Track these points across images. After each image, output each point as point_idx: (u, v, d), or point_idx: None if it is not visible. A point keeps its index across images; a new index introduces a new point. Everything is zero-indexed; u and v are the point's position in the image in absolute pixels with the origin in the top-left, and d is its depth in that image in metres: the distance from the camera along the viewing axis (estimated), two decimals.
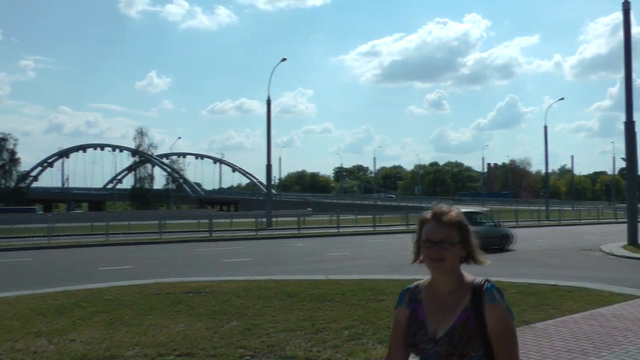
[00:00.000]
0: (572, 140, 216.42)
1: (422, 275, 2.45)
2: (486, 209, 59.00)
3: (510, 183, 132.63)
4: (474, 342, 2.10)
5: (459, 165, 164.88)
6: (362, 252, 22.21)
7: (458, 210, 2.26)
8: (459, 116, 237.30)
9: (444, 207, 2.26)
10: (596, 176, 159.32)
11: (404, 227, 37.38)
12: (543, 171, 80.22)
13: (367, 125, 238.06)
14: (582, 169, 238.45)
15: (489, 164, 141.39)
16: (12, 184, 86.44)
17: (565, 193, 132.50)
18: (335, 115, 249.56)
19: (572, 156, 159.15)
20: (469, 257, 2.24)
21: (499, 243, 22.47)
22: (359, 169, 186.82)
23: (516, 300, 9.84)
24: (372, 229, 36.18)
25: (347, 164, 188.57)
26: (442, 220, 2.21)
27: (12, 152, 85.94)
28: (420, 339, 2.20)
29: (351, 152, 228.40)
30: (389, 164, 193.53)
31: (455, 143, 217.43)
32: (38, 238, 29.47)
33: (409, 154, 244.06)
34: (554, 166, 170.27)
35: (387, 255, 20.21)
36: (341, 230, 35.24)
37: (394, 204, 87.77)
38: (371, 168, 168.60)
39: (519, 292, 10.90)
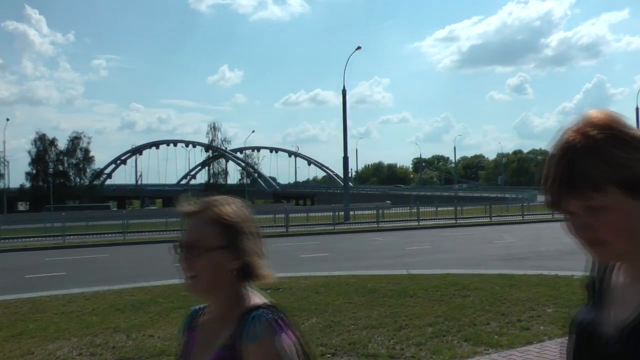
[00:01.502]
0: None
1: (509, 270, 2.30)
2: None
3: None
4: None
5: (544, 152, 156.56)
6: (443, 245, 21.90)
7: (238, 202, 1.76)
8: (543, 100, 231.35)
9: (215, 199, 1.75)
10: None
11: (486, 219, 36.65)
12: None
13: (446, 113, 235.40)
14: None
15: None
16: (87, 181, 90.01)
17: None
18: (413, 104, 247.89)
19: None
20: (247, 271, 1.68)
21: None
22: (439, 159, 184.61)
23: None
24: (454, 222, 35.61)
25: (426, 154, 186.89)
26: (199, 216, 1.69)
27: (86, 151, 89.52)
28: None
29: (430, 142, 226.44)
30: (469, 153, 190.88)
31: (539, 129, 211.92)
32: (113, 235, 30.50)
33: (491, 142, 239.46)
34: None
35: (469, 249, 19.86)
36: (421, 223, 34.83)
37: (476, 195, 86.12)
38: (451, 158, 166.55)
39: None
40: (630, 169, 1.07)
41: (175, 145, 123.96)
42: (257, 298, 1.68)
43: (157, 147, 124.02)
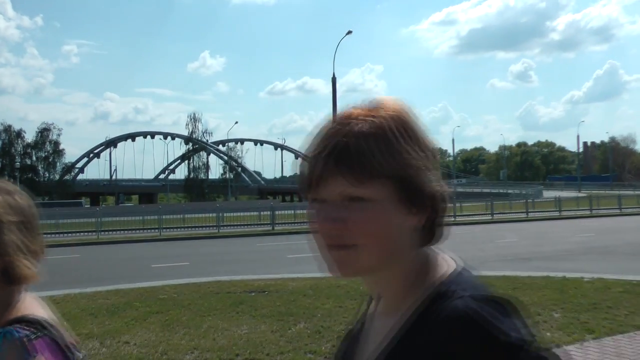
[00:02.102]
0: None
1: (512, 271, 2.30)
2: (583, 194, 57.56)
3: (611, 164, 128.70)
4: None
5: (550, 145, 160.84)
6: (440, 245, 21.93)
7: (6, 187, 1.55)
8: (548, 89, 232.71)
9: None
10: None
11: (488, 217, 36.80)
12: None
13: (444, 102, 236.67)
14: None
15: (585, 143, 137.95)
16: (57, 176, 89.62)
17: None
18: (408, 93, 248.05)
19: None
20: (6, 274, 1.46)
21: None
22: None
23: (622, 300, 9.51)
24: (452, 219, 35.59)
25: None
26: None
27: (56, 143, 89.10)
28: None
29: None
30: (469, 145, 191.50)
31: (545, 120, 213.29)
32: (86, 233, 30.40)
33: (492, 133, 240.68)
34: None
35: (469, 249, 19.84)
36: None
37: (476, 190, 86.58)
38: (449, 150, 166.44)
39: (626, 291, 10.52)
40: (410, 167, 1.02)
41: (152, 137, 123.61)
42: (29, 308, 1.46)
43: (133, 140, 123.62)
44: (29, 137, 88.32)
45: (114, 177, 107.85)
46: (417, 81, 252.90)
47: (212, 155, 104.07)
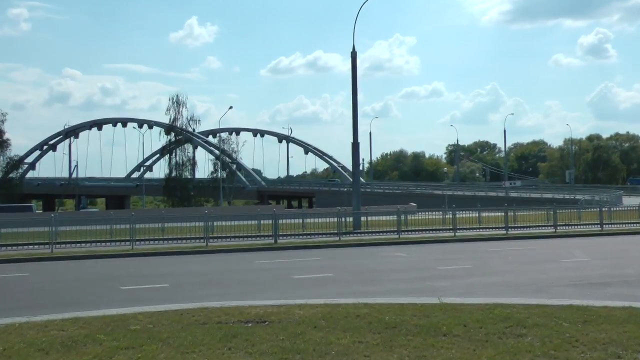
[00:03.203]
0: None
1: (582, 299, 2.24)
2: None
3: None
4: None
5: (632, 138, 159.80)
6: (489, 264, 21.96)
7: None
8: (631, 67, 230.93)
9: None
10: None
11: (550, 230, 36.64)
12: None
13: (493, 84, 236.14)
14: None
15: None
16: (0, 173, 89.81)
17: None
18: (448, 72, 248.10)
19: None
20: None
21: None
22: (483, 146, 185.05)
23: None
24: (504, 232, 35.58)
25: (466, 140, 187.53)
26: None
27: None
28: None
29: (471, 123, 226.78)
30: (526, 138, 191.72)
31: (625, 106, 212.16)
32: (37, 246, 30.43)
33: (556, 123, 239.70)
34: None
35: (526, 270, 19.82)
36: (458, 233, 35.13)
37: (535, 195, 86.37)
38: (500, 145, 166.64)
39: None
40: None
41: (124, 125, 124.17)
42: None
43: (100, 128, 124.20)
44: None
45: (74, 176, 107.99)
46: (459, 57, 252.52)
47: (199, 148, 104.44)
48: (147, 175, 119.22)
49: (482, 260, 23.28)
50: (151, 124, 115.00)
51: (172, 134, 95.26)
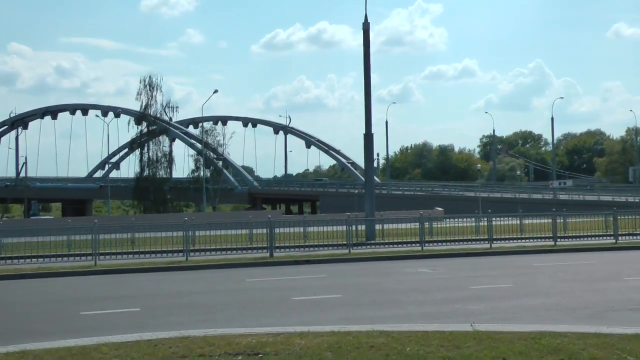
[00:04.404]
0: None
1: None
2: None
3: None
4: None
5: None
6: (534, 283, 21.98)
7: None
8: None
9: None
10: None
11: (609, 241, 36.64)
12: None
13: (537, 61, 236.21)
14: None
15: None
16: None
17: None
18: (481, 46, 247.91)
19: None
20: None
21: None
22: (525, 137, 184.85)
23: None
24: (552, 244, 35.62)
25: (504, 130, 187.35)
26: None
27: None
28: None
29: (510, 110, 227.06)
30: (579, 128, 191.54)
31: None
32: None
33: (616, 109, 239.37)
34: None
35: (580, 290, 19.78)
36: (495, 245, 35.17)
37: (590, 198, 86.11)
38: (546, 136, 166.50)
39: None
40: None
41: (85, 113, 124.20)
42: None
43: (55, 117, 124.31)
44: None
45: (22, 175, 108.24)
46: (496, 28, 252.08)
47: (177, 141, 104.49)
48: (114, 174, 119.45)
49: (525, 277, 23.28)
50: (118, 112, 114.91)
51: (144, 123, 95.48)
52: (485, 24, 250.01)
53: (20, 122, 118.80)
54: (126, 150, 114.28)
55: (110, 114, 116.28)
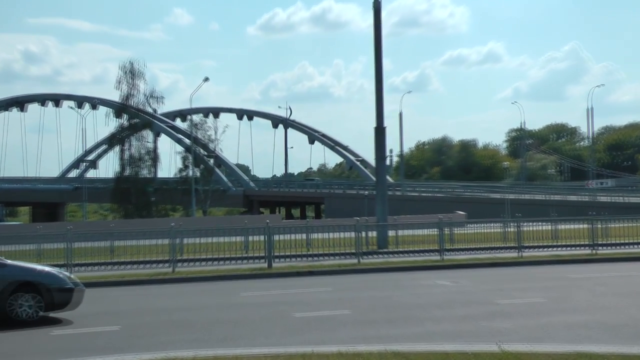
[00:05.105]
0: None
1: None
2: None
3: None
4: None
5: None
6: (569, 297, 22.05)
7: None
8: None
9: None
10: None
11: None
12: None
13: (572, 44, 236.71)
14: None
15: None
16: None
17: None
18: (509, 28, 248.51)
19: None
20: None
21: None
22: (559, 131, 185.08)
23: None
24: (590, 252, 35.63)
25: (535, 123, 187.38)
26: None
27: None
28: None
29: (542, 100, 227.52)
30: (621, 120, 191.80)
31: None
32: None
33: None
34: None
35: (623, 305, 19.78)
36: (526, 254, 35.17)
37: (635, 200, 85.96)
38: (583, 129, 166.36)
39: None
40: None
41: (57, 104, 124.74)
42: None
43: (22, 109, 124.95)
44: None
45: None
46: (525, 6, 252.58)
47: (163, 136, 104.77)
48: (90, 174, 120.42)
49: (560, 291, 23.29)
50: (95, 103, 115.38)
51: (125, 116, 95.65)
52: (514, 1, 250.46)
53: None
54: (104, 146, 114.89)
55: (86, 106, 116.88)
